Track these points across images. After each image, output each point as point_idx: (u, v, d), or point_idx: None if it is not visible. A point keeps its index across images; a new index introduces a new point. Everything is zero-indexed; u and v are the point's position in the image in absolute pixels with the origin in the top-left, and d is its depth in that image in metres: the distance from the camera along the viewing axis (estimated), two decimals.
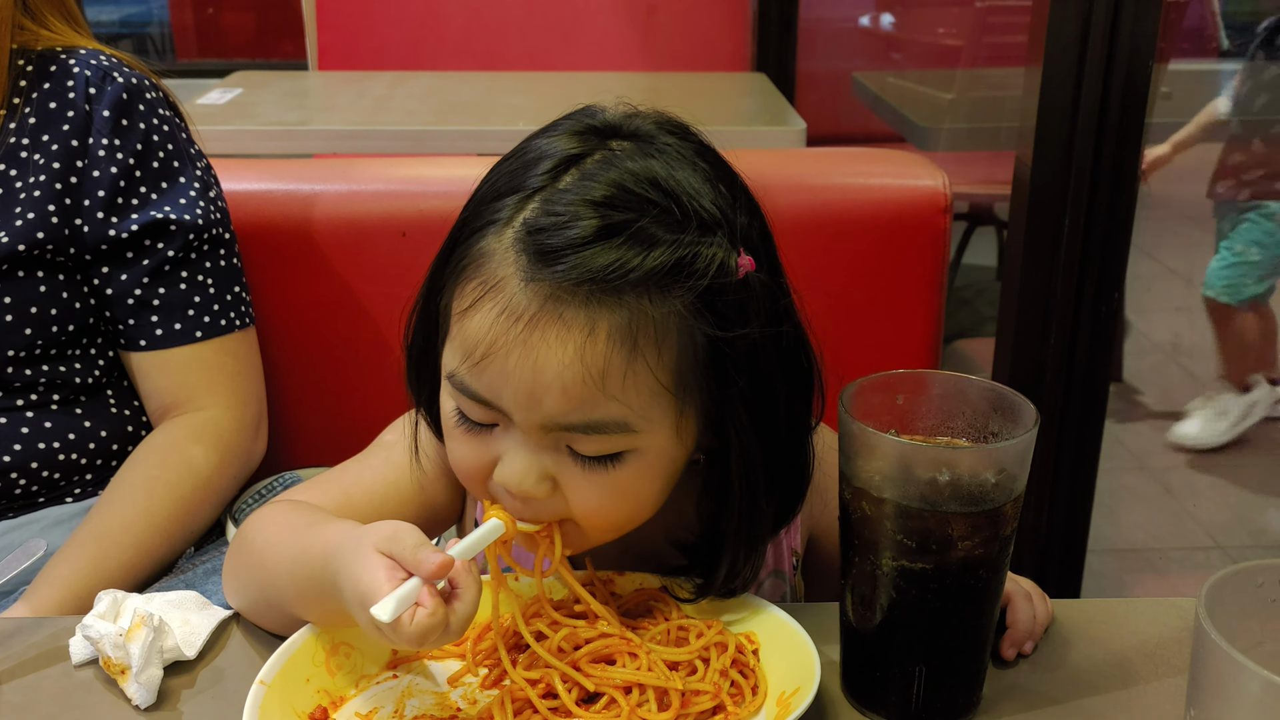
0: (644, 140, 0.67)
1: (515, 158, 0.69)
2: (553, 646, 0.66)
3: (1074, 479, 1.38)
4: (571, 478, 0.67)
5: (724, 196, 0.67)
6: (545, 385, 0.63)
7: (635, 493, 0.68)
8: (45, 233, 0.94)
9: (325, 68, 2.61)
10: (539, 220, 0.64)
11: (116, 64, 1.00)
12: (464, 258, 0.66)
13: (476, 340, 0.64)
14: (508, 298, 0.63)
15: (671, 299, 0.64)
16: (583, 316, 0.62)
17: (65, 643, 0.72)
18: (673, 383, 0.65)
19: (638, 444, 0.66)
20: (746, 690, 0.66)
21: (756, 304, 0.67)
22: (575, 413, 0.64)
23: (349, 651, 0.68)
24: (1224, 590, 0.55)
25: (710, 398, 0.67)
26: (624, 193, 0.64)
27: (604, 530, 0.70)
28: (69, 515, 0.98)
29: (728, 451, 0.69)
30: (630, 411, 0.64)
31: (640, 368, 0.64)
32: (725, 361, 0.66)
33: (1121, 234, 1.29)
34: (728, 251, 0.65)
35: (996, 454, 0.63)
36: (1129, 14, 1.19)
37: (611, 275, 0.62)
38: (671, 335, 0.64)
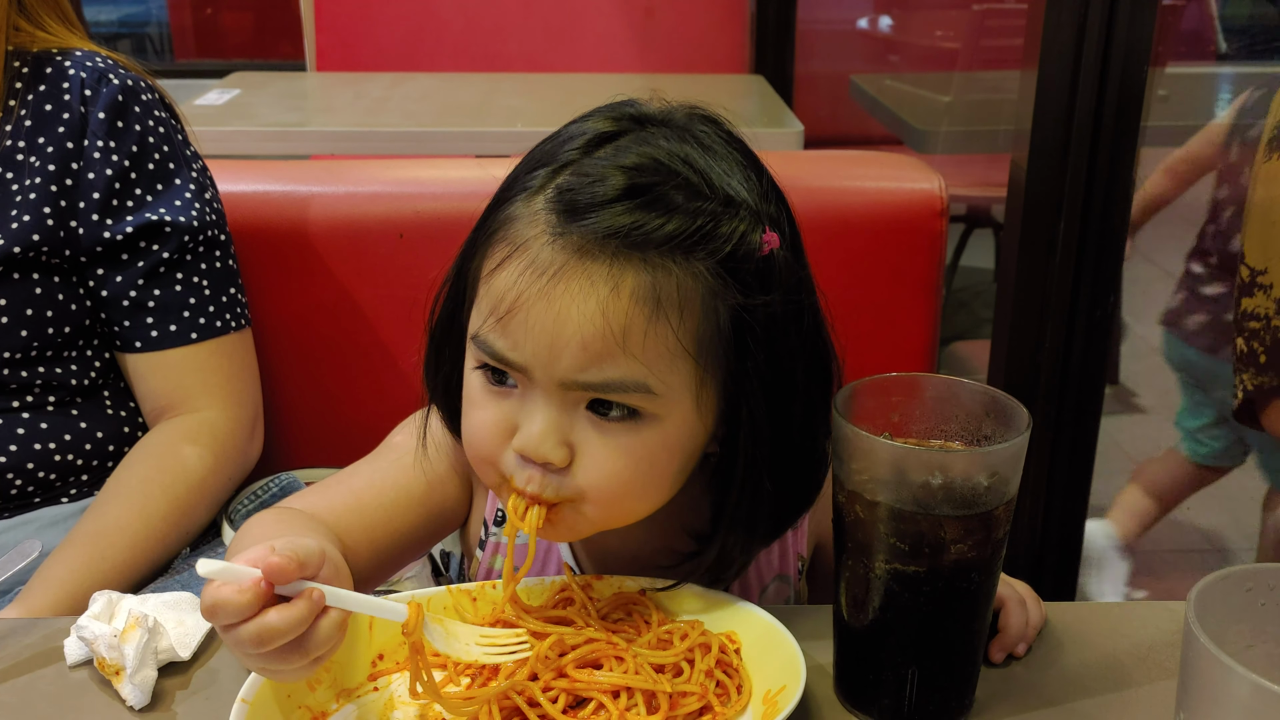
0: (679, 128, 0.69)
1: (550, 140, 0.71)
2: (540, 652, 0.66)
3: (1069, 481, 1.38)
4: (590, 441, 0.66)
5: (753, 183, 0.69)
6: (566, 338, 0.63)
7: (651, 462, 0.67)
8: (41, 235, 0.94)
9: (323, 69, 2.61)
10: (569, 183, 0.65)
11: (112, 65, 1.00)
12: (493, 224, 0.68)
13: (502, 295, 0.65)
14: (534, 253, 0.64)
15: (695, 263, 0.65)
16: (606, 272, 0.63)
17: (60, 643, 0.72)
18: (694, 347, 0.66)
19: (657, 408, 0.66)
20: (732, 690, 0.66)
21: (779, 280, 0.68)
22: (594, 369, 0.64)
23: (329, 666, 0.68)
24: (1213, 594, 0.55)
25: (729, 372, 0.68)
26: (655, 162, 0.66)
27: (611, 509, 0.69)
28: (64, 516, 0.98)
29: (738, 435, 0.69)
30: (650, 373, 0.65)
31: (662, 328, 0.64)
32: (746, 334, 0.67)
33: (1117, 237, 1.29)
34: (751, 226, 0.67)
35: (989, 457, 0.64)
36: (1124, 17, 1.20)
37: (635, 231, 0.63)
38: (695, 300, 0.65)
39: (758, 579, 0.83)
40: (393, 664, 0.70)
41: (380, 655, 0.71)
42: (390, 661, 0.71)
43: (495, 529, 0.82)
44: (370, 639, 0.70)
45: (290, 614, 0.58)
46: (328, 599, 0.60)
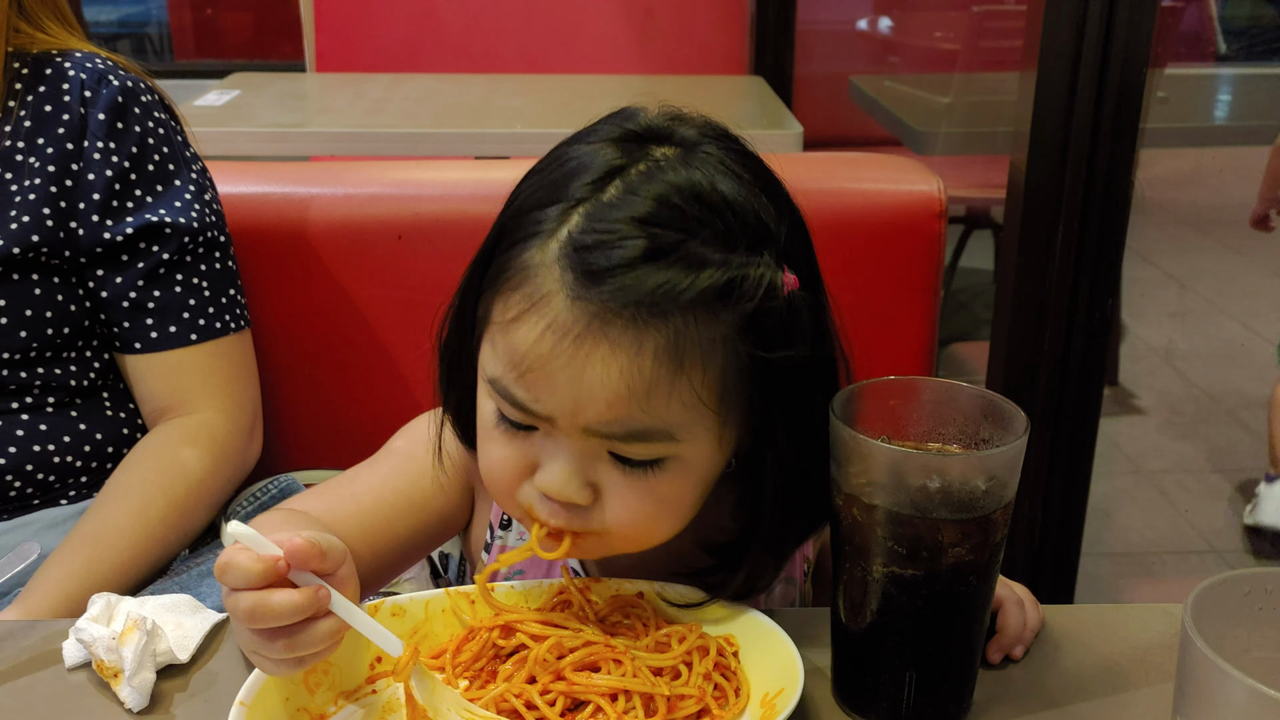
0: (686, 148, 0.67)
1: (555, 166, 0.69)
2: (539, 656, 0.66)
3: (1068, 482, 1.38)
4: (613, 485, 0.67)
5: (767, 209, 0.67)
6: (591, 398, 0.63)
7: (676, 501, 0.69)
8: (40, 236, 0.94)
9: (323, 69, 2.61)
10: (584, 238, 0.63)
11: (112, 66, 1.00)
12: (506, 268, 0.66)
13: (522, 353, 0.64)
14: (554, 313, 0.63)
15: (718, 322, 0.64)
16: (629, 336, 0.63)
17: (58, 646, 0.72)
18: (715, 400, 0.66)
19: (680, 451, 0.67)
20: (730, 693, 0.67)
21: (800, 324, 0.67)
22: (619, 424, 0.64)
23: (327, 668, 0.68)
24: (1211, 598, 0.55)
25: (752, 411, 0.68)
26: (669, 209, 0.64)
27: (636, 541, 0.70)
28: (64, 518, 0.98)
29: (761, 459, 0.70)
30: (675, 423, 0.65)
31: (684, 386, 0.64)
32: (767, 380, 0.67)
33: (1116, 238, 1.29)
34: (774, 271, 0.65)
35: (987, 461, 0.64)
36: (1123, 18, 1.20)
37: (660, 298, 0.62)
38: (717, 356, 0.65)
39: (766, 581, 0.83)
40: (391, 666, 0.70)
41: (379, 658, 0.71)
42: (389, 664, 0.71)
43: (501, 532, 0.82)
44: (368, 642, 0.70)
45: (290, 599, 0.59)
46: (333, 604, 0.60)
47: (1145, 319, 2.92)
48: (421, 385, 1.22)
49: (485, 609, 0.72)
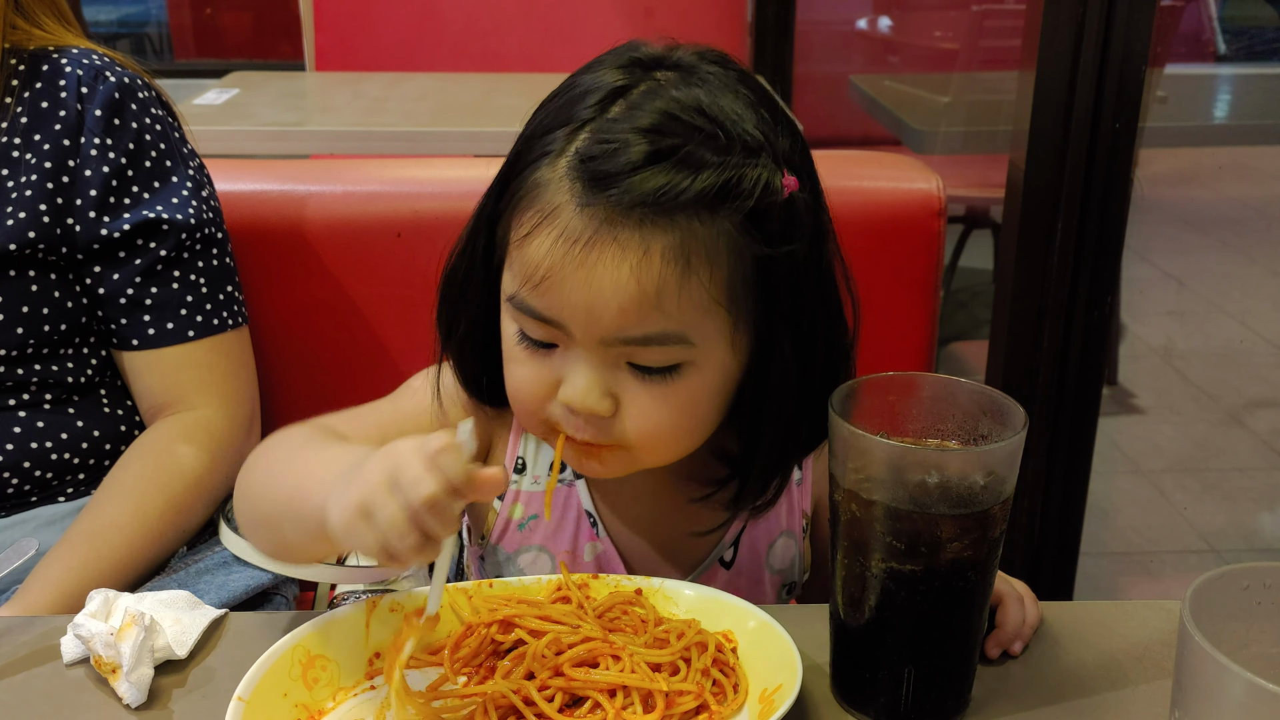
0: (686, 70, 0.70)
1: (562, 94, 0.72)
2: (537, 651, 0.66)
3: (1067, 481, 1.38)
4: (632, 393, 0.70)
5: (766, 121, 0.70)
6: (604, 303, 0.66)
7: (694, 408, 0.71)
8: (37, 232, 0.94)
9: (322, 68, 2.61)
10: (590, 149, 0.67)
11: (109, 63, 1.00)
12: (519, 189, 0.70)
13: (536, 264, 0.67)
14: (564, 223, 0.66)
15: (720, 219, 0.67)
16: (636, 238, 0.66)
17: (56, 641, 0.72)
18: (725, 298, 0.68)
19: (695, 356, 0.69)
20: (728, 688, 0.66)
21: (800, 222, 0.70)
22: (634, 327, 0.67)
23: (325, 664, 0.68)
24: (1209, 593, 0.55)
25: (759, 314, 0.70)
26: (671, 120, 0.67)
27: (659, 452, 0.72)
28: (61, 515, 0.98)
29: (768, 368, 0.72)
30: (686, 326, 0.68)
31: (694, 285, 0.67)
32: (773, 278, 0.69)
33: (1115, 237, 1.29)
34: (772, 172, 0.68)
35: (985, 456, 0.64)
36: (1122, 18, 1.20)
37: (662, 198, 0.65)
38: (722, 254, 0.68)
39: (766, 535, 0.85)
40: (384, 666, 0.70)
41: (377, 653, 0.71)
42: (385, 662, 0.70)
43: (516, 477, 0.83)
44: (367, 637, 0.70)
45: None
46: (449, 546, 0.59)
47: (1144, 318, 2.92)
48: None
49: (483, 604, 0.72)
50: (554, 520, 0.82)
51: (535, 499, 0.83)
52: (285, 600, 1.01)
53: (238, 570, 0.96)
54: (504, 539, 0.83)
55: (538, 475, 0.83)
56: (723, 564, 0.84)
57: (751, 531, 0.84)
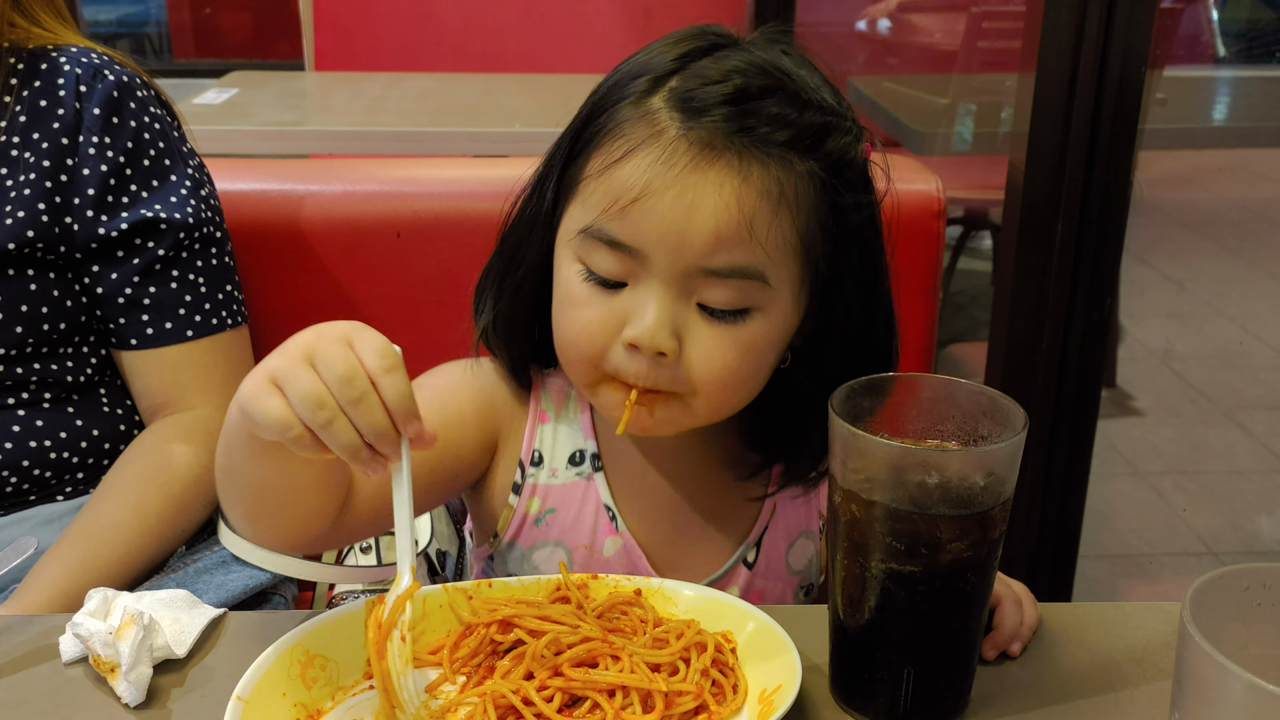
0: (765, 43, 0.74)
1: (628, 62, 0.74)
2: (536, 651, 0.66)
3: (1066, 483, 1.39)
4: (699, 334, 0.70)
5: (837, 94, 0.74)
6: (699, 225, 0.67)
7: (755, 355, 0.72)
8: (35, 231, 0.94)
9: (322, 68, 2.61)
10: (687, 84, 0.69)
11: (107, 61, 1.00)
12: (602, 129, 0.71)
13: (628, 185, 0.67)
14: (665, 144, 0.67)
15: (811, 163, 0.70)
16: (737, 164, 0.67)
17: (55, 640, 0.72)
18: (803, 243, 0.71)
19: (765, 301, 0.71)
20: (727, 689, 0.66)
21: (872, 187, 0.75)
22: (724, 254, 0.68)
23: (325, 664, 0.68)
24: (1209, 594, 0.55)
25: (826, 270, 0.73)
26: (759, 69, 0.70)
27: (716, 400, 0.72)
28: (60, 513, 0.98)
29: (830, 326, 0.74)
30: (769, 261, 0.69)
31: (784, 221, 0.69)
32: (846, 232, 0.72)
33: (1114, 239, 1.29)
34: (855, 136, 0.73)
35: (985, 457, 0.64)
36: (1122, 20, 1.20)
37: (767, 127, 0.68)
38: (809, 197, 0.70)
39: (786, 534, 0.84)
40: None
41: None
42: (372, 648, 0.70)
43: (533, 469, 0.82)
44: (366, 637, 0.70)
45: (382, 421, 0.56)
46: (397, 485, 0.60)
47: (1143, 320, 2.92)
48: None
49: (482, 604, 0.72)
50: (571, 514, 0.81)
51: (553, 492, 0.81)
52: (284, 600, 1.01)
53: (236, 569, 0.96)
54: (520, 535, 0.82)
55: (555, 468, 0.81)
56: (745, 564, 0.84)
57: (773, 531, 0.84)
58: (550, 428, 0.82)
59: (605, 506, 0.81)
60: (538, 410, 0.82)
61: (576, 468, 0.82)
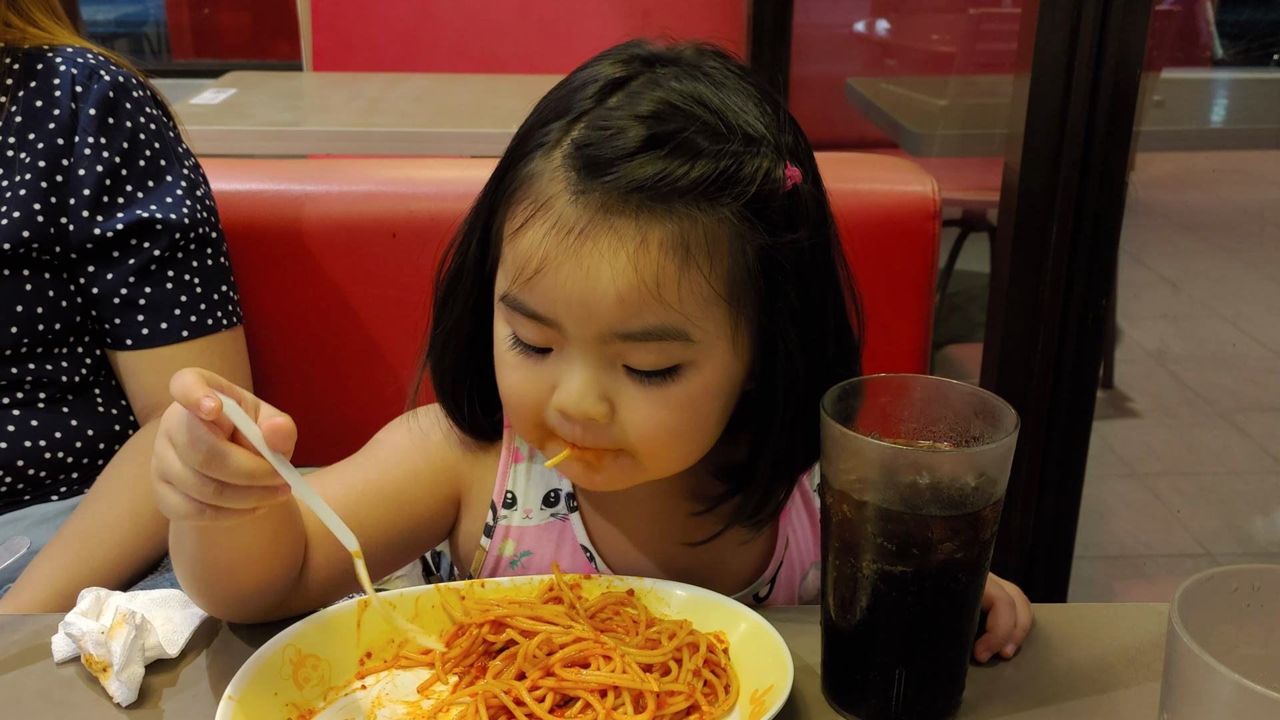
0: (688, 65, 0.70)
1: (560, 89, 0.71)
2: (528, 651, 0.66)
3: (1061, 484, 1.39)
4: (630, 397, 0.67)
5: (768, 113, 0.69)
6: (600, 293, 0.64)
7: (694, 410, 0.68)
8: (31, 231, 0.94)
9: (320, 69, 2.61)
10: (586, 137, 0.65)
11: (103, 62, 1.00)
12: (513, 182, 0.68)
13: (529, 256, 0.65)
14: (558, 212, 0.65)
15: (721, 208, 0.65)
16: (633, 226, 0.64)
17: (47, 640, 0.72)
18: (726, 291, 0.66)
19: (695, 356, 0.67)
20: (719, 689, 0.67)
21: (805, 213, 0.68)
22: (633, 319, 0.64)
23: (316, 663, 0.68)
24: (1198, 595, 0.55)
25: (763, 310, 0.69)
26: (670, 108, 0.66)
27: (662, 458, 0.70)
28: (54, 513, 0.98)
29: (774, 368, 0.70)
30: (687, 320, 0.65)
31: (694, 275, 0.65)
32: (776, 271, 0.68)
33: (1109, 241, 1.29)
34: (774, 162, 0.67)
35: (977, 458, 0.64)
36: (1117, 22, 1.20)
37: (660, 184, 0.63)
38: (723, 244, 0.66)
39: (800, 565, 0.83)
40: (380, 662, 0.70)
41: (368, 653, 0.71)
42: (378, 660, 0.71)
43: (505, 512, 0.80)
44: (358, 637, 0.70)
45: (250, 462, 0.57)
46: (296, 483, 0.59)
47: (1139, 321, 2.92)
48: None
49: (475, 605, 0.72)
50: (548, 556, 0.79)
51: (527, 534, 0.79)
52: None
53: None
54: (496, 577, 0.79)
55: (529, 509, 0.80)
56: (756, 599, 0.82)
57: (788, 566, 0.82)
58: (524, 467, 0.80)
59: (583, 547, 0.79)
60: (511, 449, 0.80)
61: (552, 508, 0.79)
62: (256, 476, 0.58)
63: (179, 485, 0.58)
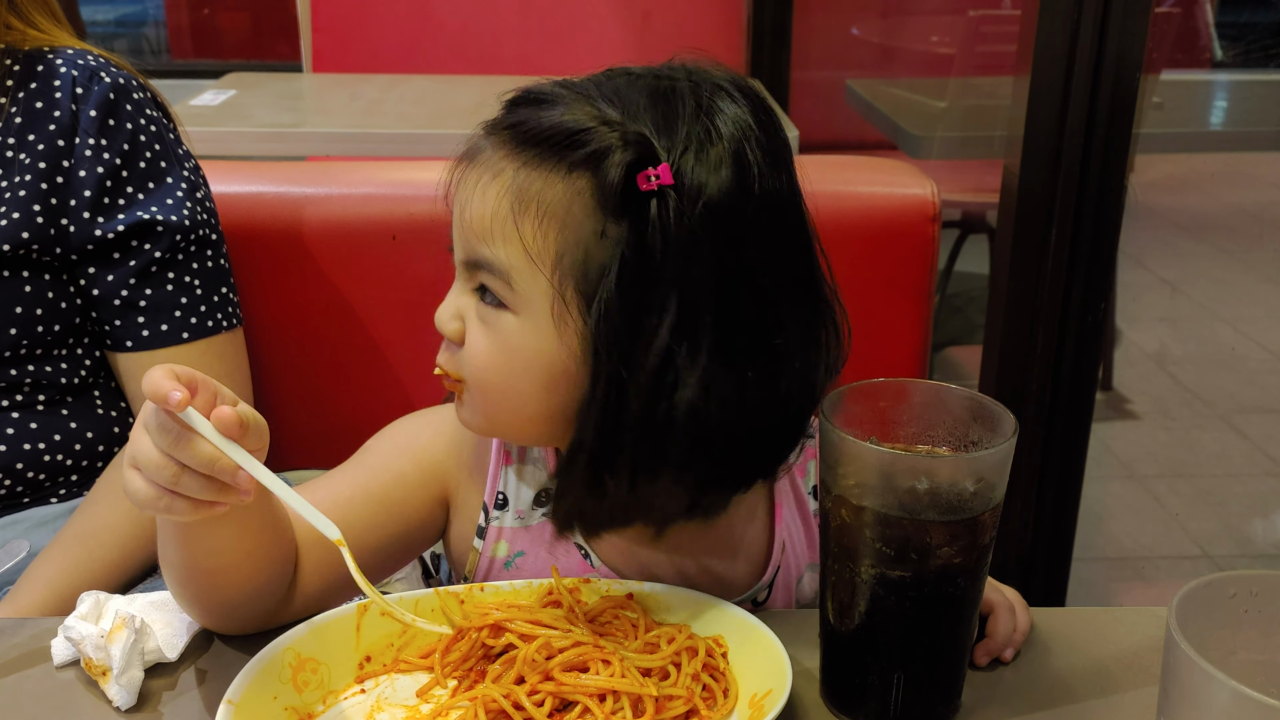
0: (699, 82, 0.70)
1: None
2: (527, 656, 0.66)
3: (1060, 486, 1.39)
4: (472, 326, 0.71)
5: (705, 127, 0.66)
6: (464, 217, 0.70)
7: (510, 360, 0.69)
8: (31, 233, 0.94)
9: (320, 70, 2.61)
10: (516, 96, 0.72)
11: (104, 63, 1.00)
12: None
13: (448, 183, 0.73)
14: (468, 144, 0.72)
15: (577, 180, 0.66)
16: (496, 161, 0.69)
17: (47, 644, 0.72)
18: (551, 262, 0.67)
19: (517, 307, 0.69)
20: (718, 693, 0.67)
21: (668, 228, 0.64)
22: (480, 246, 0.69)
23: (316, 667, 0.68)
24: (1196, 600, 0.55)
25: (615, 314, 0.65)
26: (589, 81, 0.69)
27: (484, 399, 0.72)
28: (53, 516, 0.98)
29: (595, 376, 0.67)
30: (510, 265, 0.68)
31: (525, 229, 0.67)
32: (622, 271, 0.65)
33: (1108, 243, 1.29)
34: (641, 154, 0.65)
35: (975, 463, 0.64)
36: (1116, 24, 1.20)
37: (520, 125, 0.68)
38: (563, 217, 0.66)
39: (797, 569, 0.83)
40: (379, 666, 0.70)
41: (368, 657, 0.71)
42: (377, 664, 0.71)
43: (497, 513, 0.80)
44: (357, 641, 0.70)
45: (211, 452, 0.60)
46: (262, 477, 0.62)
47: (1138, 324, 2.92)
48: (415, 385, 1.22)
49: (474, 609, 0.72)
50: (542, 556, 0.79)
51: (519, 536, 0.80)
52: None
53: None
54: (489, 578, 0.80)
55: (520, 510, 0.80)
56: (755, 603, 0.81)
57: (785, 570, 0.82)
58: (514, 469, 0.80)
59: (577, 545, 0.79)
60: (501, 451, 0.80)
61: (543, 508, 0.79)
62: (215, 465, 0.60)
63: (144, 469, 0.61)
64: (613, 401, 0.67)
